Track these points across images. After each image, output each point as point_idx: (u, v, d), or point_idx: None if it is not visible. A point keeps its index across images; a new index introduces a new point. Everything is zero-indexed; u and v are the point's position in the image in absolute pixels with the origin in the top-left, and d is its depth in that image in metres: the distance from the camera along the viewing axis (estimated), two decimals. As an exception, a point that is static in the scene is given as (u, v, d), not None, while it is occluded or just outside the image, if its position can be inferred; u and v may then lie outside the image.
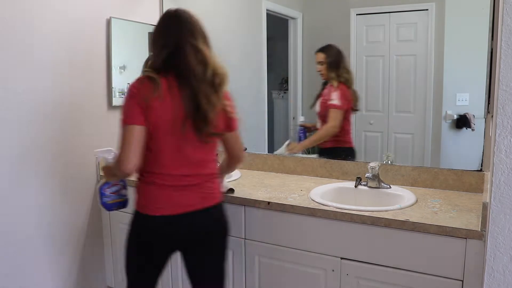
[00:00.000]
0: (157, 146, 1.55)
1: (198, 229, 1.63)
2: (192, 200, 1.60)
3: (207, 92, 1.52)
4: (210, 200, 1.64)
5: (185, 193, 1.59)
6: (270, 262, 1.94)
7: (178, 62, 1.52)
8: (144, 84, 1.51)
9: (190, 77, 1.51)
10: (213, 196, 1.65)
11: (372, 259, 1.69)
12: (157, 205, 1.58)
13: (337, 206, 1.77)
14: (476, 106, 1.98)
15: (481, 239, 1.48)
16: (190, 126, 1.53)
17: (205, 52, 1.53)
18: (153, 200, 1.58)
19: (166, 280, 2.28)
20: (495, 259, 1.06)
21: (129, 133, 1.49)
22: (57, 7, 2.17)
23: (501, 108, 1.01)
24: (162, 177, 1.57)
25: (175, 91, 1.51)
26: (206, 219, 1.64)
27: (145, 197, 1.61)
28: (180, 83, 1.52)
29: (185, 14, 1.57)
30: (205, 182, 1.63)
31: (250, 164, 2.53)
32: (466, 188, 1.97)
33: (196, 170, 1.61)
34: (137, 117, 1.49)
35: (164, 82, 1.51)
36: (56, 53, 2.17)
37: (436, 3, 2.11)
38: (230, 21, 2.86)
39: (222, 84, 1.56)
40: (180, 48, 1.51)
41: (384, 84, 2.27)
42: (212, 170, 1.67)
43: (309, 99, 2.55)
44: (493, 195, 1.04)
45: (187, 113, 1.51)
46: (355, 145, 2.37)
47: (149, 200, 1.59)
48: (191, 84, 1.51)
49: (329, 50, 2.39)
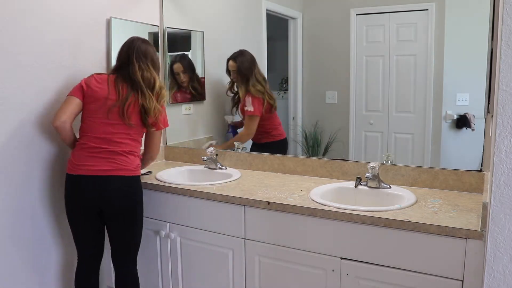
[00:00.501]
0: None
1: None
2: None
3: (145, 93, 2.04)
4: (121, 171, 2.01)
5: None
6: (270, 262, 1.94)
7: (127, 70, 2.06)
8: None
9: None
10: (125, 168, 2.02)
11: (372, 259, 1.69)
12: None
13: (337, 206, 1.77)
14: (476, 106, 1.98)
15: (481, 239, 1.48)
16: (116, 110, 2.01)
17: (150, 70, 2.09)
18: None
19: (166, 280, 2.28)
20: (495, 259, 1.06)
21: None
22: (57, 7, 2.16)
23: (501, 108, 1.01)
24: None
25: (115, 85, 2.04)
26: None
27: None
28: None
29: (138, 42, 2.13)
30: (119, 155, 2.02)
31: (250, 164, 2.53)
32: (466, 188, 1.97)
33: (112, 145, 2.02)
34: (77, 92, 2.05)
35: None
36: (56, 53, 2.17)
37: (436, 3, 2.11)
38: (230, 21, 2.86)
39: (160, 95, 2.09)
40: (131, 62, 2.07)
41: (384, 84, 2.28)
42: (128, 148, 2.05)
43: (309, 99, 2.55)
44: (493, 195, 1.04)
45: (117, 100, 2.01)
46: (354, 144, 2.38)
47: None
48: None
49: (240, 58, 2.57)
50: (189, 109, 2.91)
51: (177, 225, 2.19)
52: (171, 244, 2.23)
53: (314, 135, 2.49)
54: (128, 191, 2.03)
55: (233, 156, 2.59)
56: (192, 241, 2.16)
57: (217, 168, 2.49)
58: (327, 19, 2.45)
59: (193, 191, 2.10)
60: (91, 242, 2.12)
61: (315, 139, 2.48)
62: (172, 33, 2.80)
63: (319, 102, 2.53)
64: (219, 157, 2.53)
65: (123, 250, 2.12)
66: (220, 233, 2.05)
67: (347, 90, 2.38)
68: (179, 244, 2.21)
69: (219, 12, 2.85)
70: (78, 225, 2.09)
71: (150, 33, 2.72)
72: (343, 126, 2.41)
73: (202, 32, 2.81)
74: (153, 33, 2.74)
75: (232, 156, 2.59)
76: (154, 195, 2.24)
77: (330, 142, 2.43)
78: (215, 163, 2.49)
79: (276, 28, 2.61)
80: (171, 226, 2.21)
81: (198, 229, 2.12)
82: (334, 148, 2.42)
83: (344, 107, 2.41)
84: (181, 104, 2.89)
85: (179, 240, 2.20)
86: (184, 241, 2.19)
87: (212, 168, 2.50)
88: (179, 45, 2.91)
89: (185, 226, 2.17)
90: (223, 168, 2.49)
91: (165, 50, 2.80)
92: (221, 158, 2.58)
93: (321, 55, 2.52)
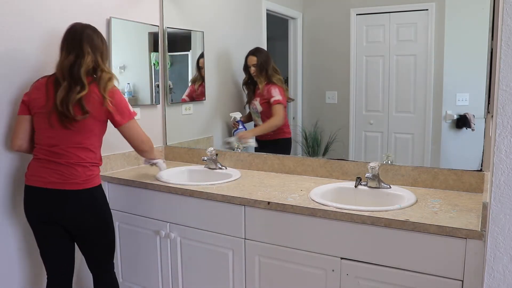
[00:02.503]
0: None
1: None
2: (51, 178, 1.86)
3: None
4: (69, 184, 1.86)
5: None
6: (270, 262, 1.94)
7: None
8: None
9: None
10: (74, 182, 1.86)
11: (372, 259, 1.69)
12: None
13: (337, 206, 1.77)
14: (476, 106, 1.98)
15: (481, 239, 1.48)
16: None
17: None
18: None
19: (166, 280, 2.28)
20: (495, 259, 1.06)
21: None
22: (57, 7, 2.17)
23: (501, 108, 1.01)
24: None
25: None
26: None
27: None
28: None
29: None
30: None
31: (250, 164, 2.53)
32: (466, 188, 1.97)
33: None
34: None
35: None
36: (55, 53, 2.17)
37: (436, 3, 2.11)
38: (230, 21, 2.86)
39: (101, 83, 1.86)
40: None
41: (384, 84, 2.28)
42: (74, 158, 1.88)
43: (309, 99, 2.55)
44: (493, 195, 1.04)
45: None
46: (354, 144, 2.38)
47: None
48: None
49: (259, 53, 2.59)
50: (189, 109, 2.91)
51: (177, 225, 2.19)
52: (171, 244, 2.23)
53: (314, 135, 2.49)
54: (78, 205, 1.88)
55: (233, 156, 2.59)
56: (192, 241, 2.16)
57: (217, 168, 2.49)
58: (327, 19, 2.45)
59: (193, 191, 2.10)
60: (58, 256, 1.98)
61: (315, 139, 2.48)
62: (172, 33, 2.80)
63: (319, 102, 2.53)
64: (219, 157, 2.54)
65: (96, 260, 2.04)
66: (220, 233, 2.05)
67: (347, 90, 2.38)
68: (179, 244, 2.21)
69: (219, 12, 2.85)
70: (39, 238, 1.96)
71: (150, 33, 2.72)
72: (343, 126, 2.41)
73: (202, 32, 2.81)
74: (153, 33, 2.74)
75: (232, 156, 2.59)
76: (154, 195, 2.24)
77: (330, 142, 2.43)
78: (215, 163, 2.49)
79: (276, 28, 2.61)
80: (171, 226, 2.21)
81: (198, 229, 2.12)
82: (334, 148, 2.42)
83: (344, 107, 2.41)
84: (181, 104, 2.89)
85: (179, 240, 2.20)
86: (184, 241, 2.19)
87: (212, 168, 2.50)
88: (179, 45, 2.91)
89: (185, 226, 2.17)
90: (223, 168, 2.49)
91: (165, 50, 2.80)
92: (221, 158, 2.58)
93: (321, 55, 2.52)
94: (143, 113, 2.68)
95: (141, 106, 2.67)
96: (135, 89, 2.67)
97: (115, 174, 2.44)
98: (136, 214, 2.33)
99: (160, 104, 2.83)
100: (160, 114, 2.84)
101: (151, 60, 2.75)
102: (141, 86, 2.72)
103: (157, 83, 2.79)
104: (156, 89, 2.79)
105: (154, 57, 2.75)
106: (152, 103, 2.76)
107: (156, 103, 2.79)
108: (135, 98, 2.67)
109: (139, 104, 2.67)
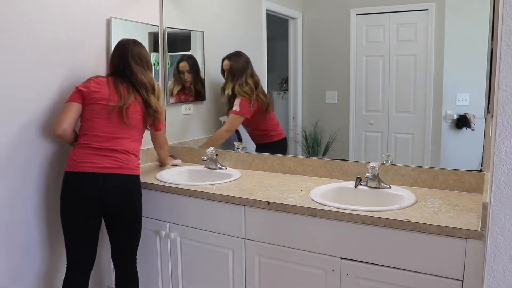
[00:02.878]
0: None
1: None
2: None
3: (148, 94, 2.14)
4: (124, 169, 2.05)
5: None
6: (270, 262, 1.94)
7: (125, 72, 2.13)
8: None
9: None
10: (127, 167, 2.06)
11: (372, 259, 1.69)
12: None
13: (337, 206, 1.77)
14: (476, 106, 1.98)
15: (481, 239, 1.48)
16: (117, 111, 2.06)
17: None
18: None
19: (166, 280, 2.28)
20: (495, 259, 1.06)
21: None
22: (57, 7, 2.17)
23: (501, 108, 1.01)
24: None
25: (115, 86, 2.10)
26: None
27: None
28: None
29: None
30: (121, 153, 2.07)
31: (250, 164, 2.53)
32: (466, 188, 1.97)
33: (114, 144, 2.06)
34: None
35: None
36: (56, 53, 2.17)
37: (436, 3, 2.11)
38: (230, 21, 2.86)
39: (160, 96, 2.22)
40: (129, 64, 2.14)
41: (384, 84, 2.28)
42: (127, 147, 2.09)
43: (309, 99, 2.55)
44: (493, 195, 1.04)
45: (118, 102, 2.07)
46: (354, 144, 2.38)
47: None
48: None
49: (235, 58, 2.62)
50: (189, 109, 2.91)
51: (177, 225, 2.19)
52: (171, 244, 2.23)
53: (314, 135, 2.49)
54: (128, 189, 2.05)
55: (233, 156, 2.59)
56: (192, 241, 2.16)
57: (217, 168, 2.49)
58: (327, 19, 2.45)
59: (193, 191, 2.10)
60: (84, 246, 2.05)
61: (315, 139, 2.48)
62: (172, 33, 2.80)
63: (319, 102, 2.53)
64: (219, 157, 2.53)
65: (124, 248, 2.13)
66: (220, 233, 2.05)
67: (347, 90, 2.38)
68: (179, 244, 2.21)
69: (219, 12, 2.85)
70: (73, 226, 2.03)
71: (150, 33, 2.72)
72: (343, 126, 2.41)
73: (202, 32, 2.81)
74: (153, 33, 2.74)
75: (232, 156, 2.59)
76: (154, 195, 2.24)
77: (330, 142, 2.43)
78: (215, 163, 2.49)
79: (276, 28, 2.61)
80: (171, 226, 2.21)
81: (198, 229, 2.12)
82: (334, 148, 2.42)
83: (344, 107, 2.41)
84: (181, 104, 2.89)
85: (179, 240, 2.20)
86: (184, 241, 2.19)
87: (212, 168, 2.50)
88: (179, 45, 2.91)
89: (185, 226, 2.17)
90: (223, 168, 2.49)
91: (165, 50, 2.80)
92: (221, 158, 2.58)
93: (321, 55, 2.52)
94: (143, 113, 2.68)
95: (141, 106, 2.67)
96: (135, 89, 2.67)
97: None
98: (136, 214, 2.33)
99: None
100: (160, 114, 2.84)
101: (151, 60, 2.74)
102: (141, 86, 2.72)
103: (157, 83, 2.78)
104: (156, 89, 2.78)
105: (154, 57, 2.75)
106: (152, 103, 2.76)
107: (156, 103, 2.79)
108: (135, 98, 2.66)
109: (139, 104, 2.67)
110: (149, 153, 2.68)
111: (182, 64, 2.86)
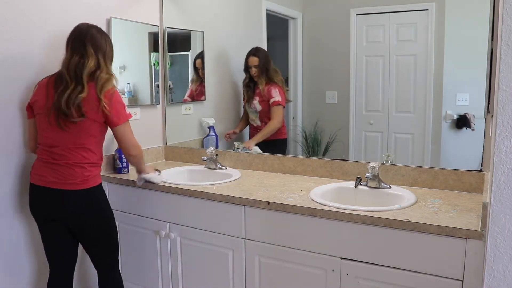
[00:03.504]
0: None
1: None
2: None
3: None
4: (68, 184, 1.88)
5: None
6: (270, 262, 1.94)
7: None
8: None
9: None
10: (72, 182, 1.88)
11: (372, 259, 1.69)
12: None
13: (337, 206, 1.77)
14: (476, 106, 1.98)
15: (481, 239, 1.48)
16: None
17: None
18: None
19: (166, 280, 2.28)
20: (495, 259, 1.06)
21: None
22: (57, 7, 2.17)
23: (501, 108, 1.01)
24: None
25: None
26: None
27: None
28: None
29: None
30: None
31: (250, 164, 2.53)
32: (466, 188, 1.97)
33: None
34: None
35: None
36: (55, 54, 2.17)
37: (436, 3, 2.11)
38: (230, 21, 2.86)
39: (99, 83, 1.85)
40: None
41: (384, 84, 2.28)
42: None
43: (309, 99, 2.55)
44: (493, 195, 1.04)
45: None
46: (354, 144, 2.38)
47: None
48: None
49: (260, 54, 2.61)
50: (189, 109, 2.91)
51: (177, 225, 2.19)
52: (171, 244, 2.23)
53: (314, 135, 2.49)
54: (81, 206, 1.91)
55: (233, 156, 2.59)
56: (192, 241, 2.16)
57: (217, 168, 2.49)
58: (327, 19, 2.45)
59: (193, 191, 2.10)
60: (62, 255, 2.03)
61: (315, 139, 2.48)
62: (172, 33, 2.80)
63: (319, 102, 2.53)
64: (219, 157, 2.54)
65: (98, 255, 2.07)
66: (220, 233, 2.05)
67: (347, 90, 2.38)
68: (179, 244, 2.21)
69: (219, 12, 2.85)
70: (46, 235, 1.99)
71: (150, 33, 2.72)
72: (343, 126, 2.41)
73: (202, 32, 2.81)
74: (153, 33, 2.74)
75: (232, 156, 2.59)
76: (154, 195, 2.24)
77: (330, 142, 2.43)
78: (215, 163, 2.49)
79: (276, 28, 2.61)
80: (171, 226, 2.21)
81: (198, 229, 2.12)
82: (334, 148, 2.42)
83: (344, 107, 2.41)
84: (181, 104, 2.89)
85: (179, 240, 2.20)
86: (184, 241, 2.19)
87: (212, 168, 2.50)
88: (179, 45, 2.91)
89: (185, 226, 2.17)
90: (223, 168, 2.49)
91: (165, 50, 2.80)
92: (221, 158, 2.58)
93: (321, 55, 2.52)
94: (143, 113, 2.68)
95: (141, 106, 2.67)
96: (135, 89, 2.67)
97: (115, 174, 2.44)
98: (136, 214, 2.33)
99: (160, 104, 2.83)
100: (160, 114, 2.84)
101: (151, 60, 2.75)
102: (141, 86, 2.72)
103: (157, 83, 2.79)
104: (156, 89, 2.79)
105: (154, 57, 2.75)
106: (152, 103, 2.76)
107: (156, 103, 2.79)
108: (135, 98, 2.67)
109: (139, 104, 2.67)
110: (149, 153, 2.68)
111: (198, 61, 2.85)
